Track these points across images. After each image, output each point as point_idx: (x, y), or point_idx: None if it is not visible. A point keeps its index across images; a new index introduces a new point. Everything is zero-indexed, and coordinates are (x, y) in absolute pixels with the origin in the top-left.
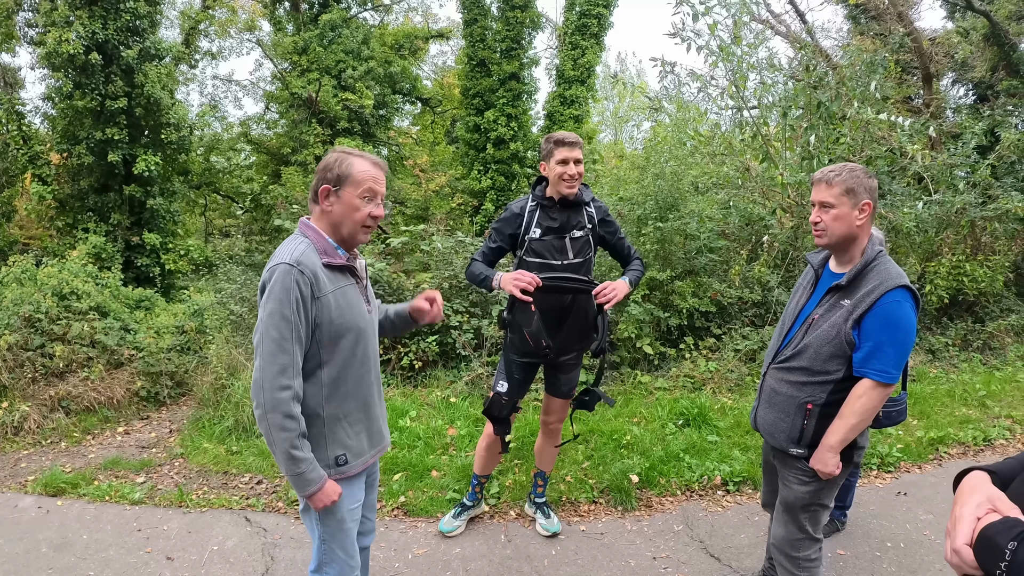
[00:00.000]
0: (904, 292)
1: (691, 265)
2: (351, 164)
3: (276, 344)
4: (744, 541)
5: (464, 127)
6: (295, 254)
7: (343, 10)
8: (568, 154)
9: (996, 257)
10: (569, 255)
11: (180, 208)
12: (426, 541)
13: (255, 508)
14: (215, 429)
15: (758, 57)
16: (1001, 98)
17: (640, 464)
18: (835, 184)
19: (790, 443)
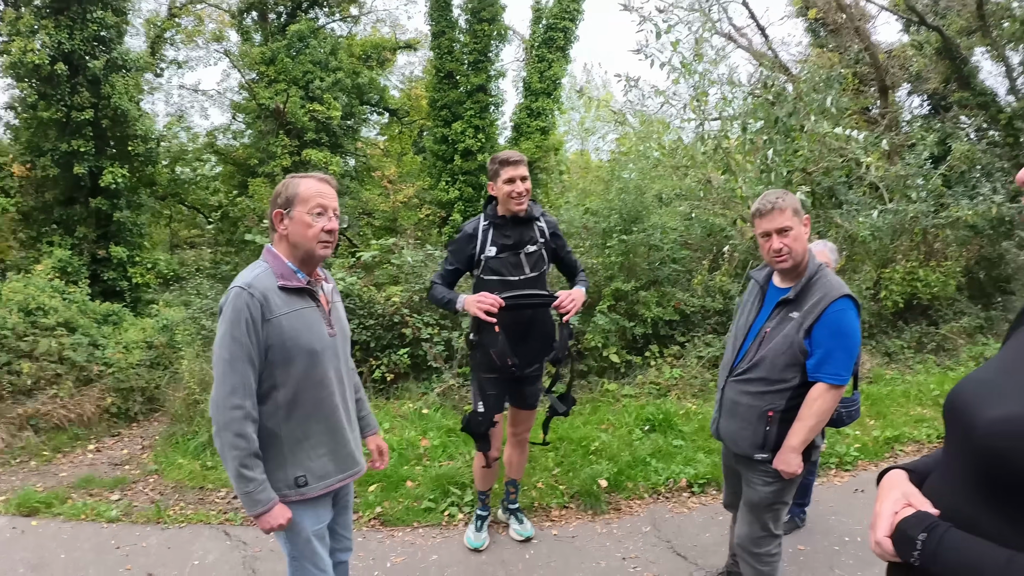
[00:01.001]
0: (847, 301)
1: (655, 275)
2: (297, 185)
3: (227, 364)
4: (709, 540)
5: (432, 138)
6: (248, 278)
7: (311, 20)
8: (514, 172)
9: (948, 263)
10: (525, 270)
11: (146, 221)
12: (403, 549)
13: (234, 522)
14: (189, 444)
15: (719, 72)
16: (954, 109)
17: (608, 469)
18: (786, 208)
19: (754, 449)
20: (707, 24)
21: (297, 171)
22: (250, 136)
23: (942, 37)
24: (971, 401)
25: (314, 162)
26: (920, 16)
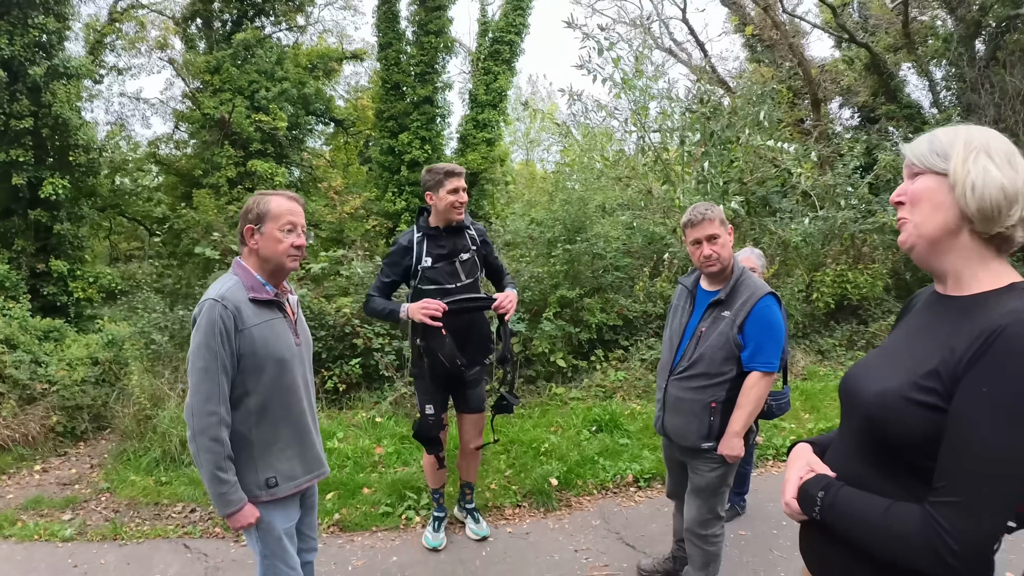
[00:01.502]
0: (771, 298)
1: (599, 283)
2: (268, 202)
3: (203, 373)
4: (656, 530)
5: (378, 149)
6: (221, 290)
7: (257, 29)
8: (458, 183)
9: (875, 265)
10: (461, 277)
11: (87, 233)
12: (363, 553)
13: (193, 535)
14: (141, 461)
15: (659, 87)
16: (882, 121)
17: (559, 468)
18: (714, 218)
19: (701, 440)
20: (647, 41)
21: (242, 182)
22: (194, 146)
23: (871, 53)
24: (857, 381)
25: (259, 173)
26: (850, 34)
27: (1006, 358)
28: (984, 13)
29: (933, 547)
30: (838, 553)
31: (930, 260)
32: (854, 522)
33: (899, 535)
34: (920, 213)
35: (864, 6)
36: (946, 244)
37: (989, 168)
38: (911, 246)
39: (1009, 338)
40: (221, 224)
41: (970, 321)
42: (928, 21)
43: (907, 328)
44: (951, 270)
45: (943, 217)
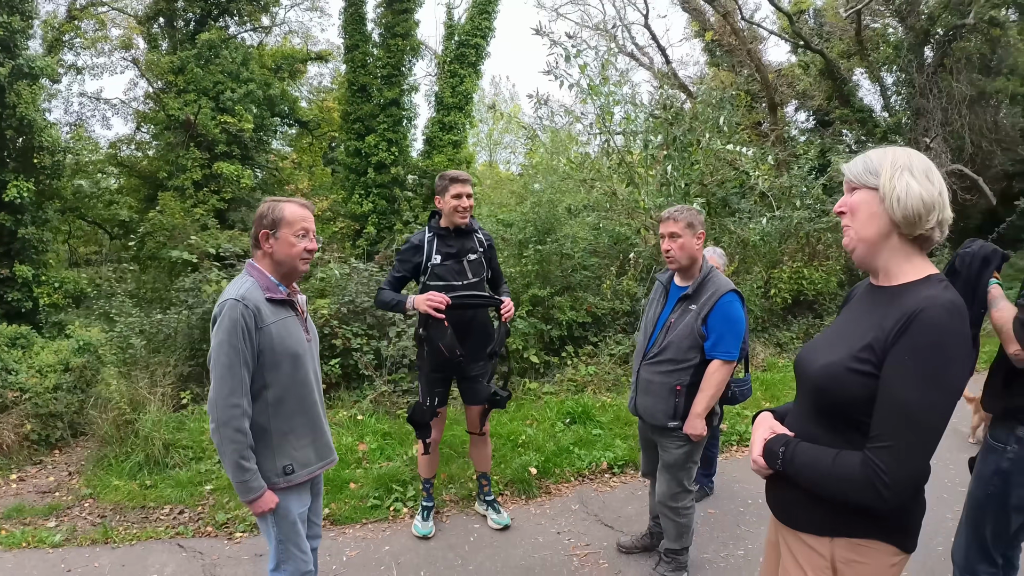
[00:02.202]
0: (733, 294)
1: (568, 282)
2: (282, 209)
3: (226, 368)
4: (631, 511)
5: (345, 151)
6: (241, 291)
7: (221, 29)
8: (461, 189)
9: (829, 262)
10: (468, 276)
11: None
12: (356, 544)
13: (185, 535)
14: (124, 466)
15: (623, 92)
16: (835, 124)
17: (536, 459)
18: (680, 220)
19: (667, 419)
20: (612, 47)
21: (208, 184)
22: (157, 148)
23: (825, 59)
24: (807, 357)
25: (226, 175)
26: (805, 40)
27: (920, 334)
28: (932, 22)
29: (871, 483)
30: (797, 498)
31: (867, 259)
32: (809, 469)
33: (845, 476)
34: (859, 221)
35: (819, 14)
36: (880, 245)
37: (911, 183)
38: (853, 248)
39: (923, 319)
40: (189, 227)
41: (896, 306)
42: (880, 29)
43: (848, 314)
44: (883, 266)
45: (877, 224)
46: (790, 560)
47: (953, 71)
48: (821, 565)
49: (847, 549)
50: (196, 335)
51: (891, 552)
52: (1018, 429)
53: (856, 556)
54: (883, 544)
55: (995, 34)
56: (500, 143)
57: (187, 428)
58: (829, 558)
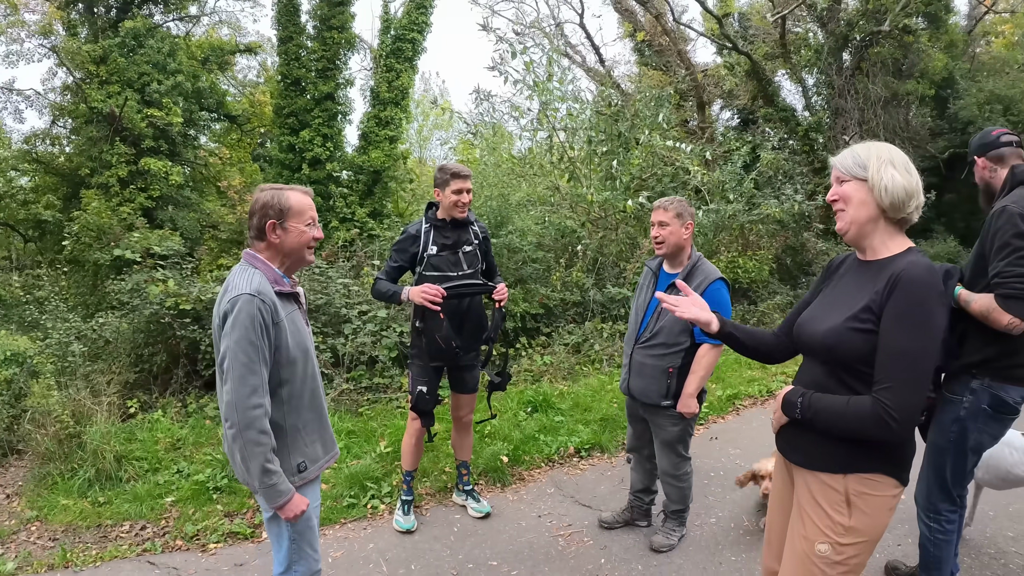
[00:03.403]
0: (721, 282)
1: (520, 274)
2: (288, 198)
3: (246, 367)
4: (604, 491)
5: (278, 147)
6: (254, 284)
7: (146, 18)
8: (462, 185)
9: (762, 252)
10: (463, 267)
11: None
12: (339, 544)
13: (154, 551)
14: (72, 483)
15: (565, 89)
16: (760, 123)
17: (506, 447)
18: (669, 210)
19: (661, 398)
20: (556, 45)
21: (134, 181)
22: (77, 143)
23: (750, 61)
24: (809, 325)
25: (153, 171)
26: (732, 42)
27: (906, 291)
28: (851, 28)
29: (882, 418)
30: (813, 442)
31: (858, 239)
32: (826, 413)
33: (859, 415)
34: (852, 208)
35: (745, 17)
36: (869, 228)
37: (895, 175)
38: (847, 231)
39: (906, 278)
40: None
41: (885, 273)
42: (802, 33)
43: (838, 286)
44: (871, 245)
45: (867, 210)
46: (807, 499)
47: (869, 74)
48: (837, 499)
49: (858, 483)
50: (141, 340)
51: (893, 484)
52: (972, 382)
53: (866, 489)
54: (887, 478)
55: (907, 40)
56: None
57: (139, 439)
58: (844, 492)
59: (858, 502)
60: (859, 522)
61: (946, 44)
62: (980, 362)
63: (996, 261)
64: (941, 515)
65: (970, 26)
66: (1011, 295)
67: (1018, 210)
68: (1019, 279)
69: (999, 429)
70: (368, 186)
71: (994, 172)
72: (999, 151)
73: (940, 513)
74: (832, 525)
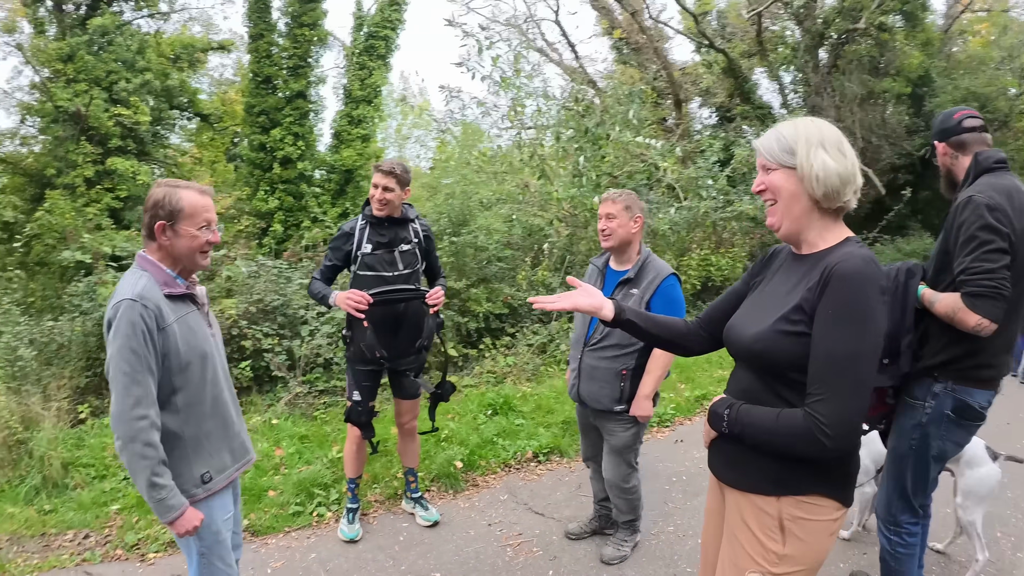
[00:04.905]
0: (674, 278)
1: (483, 273)
2: (180, 199)
3: (128, 377)
4: (560, 497)
5: (249, 146)
6: (137, 288)
7: (115, 15)
8: (378, 180)
9: (735, 249)
10: (399, 266)
11: None
12: (280, 555)
13: (93, 561)
14: (18, 491)
15: (535, 86)
16: (736, 120)
17: (461, 452)
18: (618, 202)
19: (614, 403)
20: (524, 41)
21: (101, 181)
22: (44, 143)
23: (727, 59)
24: (738, 328)
25: (120, 172)
26: (709, 40)
27: (838, 285)
28: (827, 26)
29: (813, 435)
30: (744, 461)
31: (793, 234)
32: (754, 428)
33: (789, 431)
34: (783, 202)
35: (722, 15)
36: (804, 221)
37: (827, 160)
38: (779, 227)
39: (838, 272)
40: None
41: (818, 268)
42: (778, 31)
43: (771, 284)
44: (807, 239)
45: (800, 203)
46: (737, 522)
47: (845, 72)
48: (770, 524)
49: (793, 506)
50: (92, 343)
51: (833, 507)
52: (934, 386)
53: (802, 512)
54: (826, 499)
55: (883, 38)
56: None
57: (87, 444)
58: (777, 516)
59: (793, 527)
60: (794, 549)
61: (923, 42)
62: (942, 364)
63: (962, 256)
64: (902, 527)
65: (947, 24)
66: (978, 293)
67: (984, 200)
68: (987, 275)
69: (963, 436)
70: (340, 185)
71: (955, 159)
72: (960, 138)
73: (900, 525)
74: (764, 553)
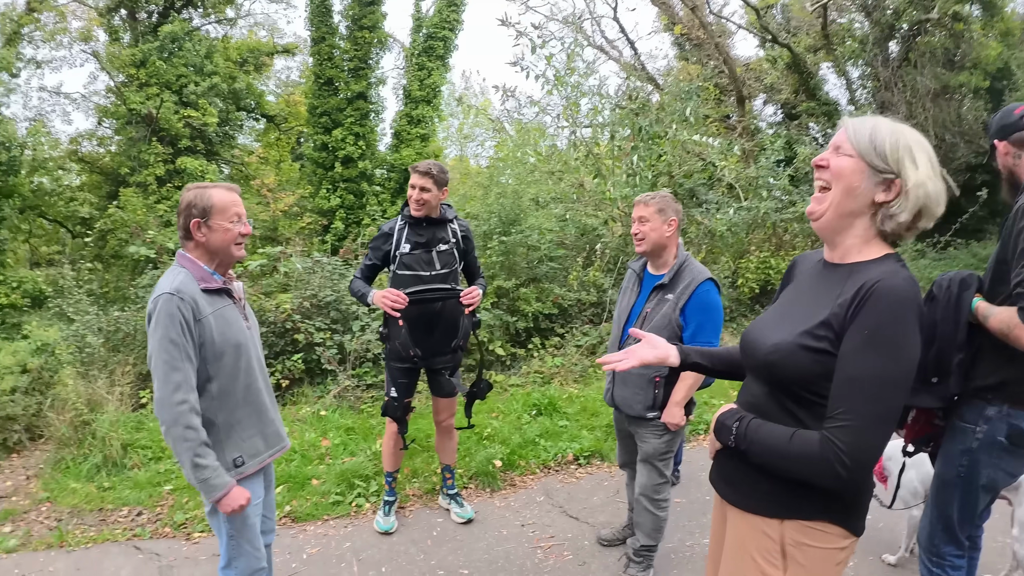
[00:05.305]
0: (710, 283)
1: (534, 273)
2: (211, 196)
3: (168, 365)
4: (597, 502)
5: (311, 145)
6: (175, 283)
7: (184, 21)
8: (415, 181)
9: (796, 252)
10: (436, 266)
11: (8, 236)
12: (317, 541)
13: (142, 537)
14: (81, 468)
15: (590, 84)
16: (802, 117)
17: (502, 451)
18: (651, 205)
19: (646, 410)
20: (578, 39)
21: (171, 180)
22: (119, 143)
23: (792, 53)
24: (756, 336)
25: (189, 171)
26: (773, 34)
27: (877, 304)
28: (897, 17)
29: (830, 462)
30: (747, 478)
31: (831, 232)
32: (763, 445)
33: (802, 455)
34: (838, 191)
35: (786, 8)
36: (850, 222)
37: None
38: (819, 216)
39: (879, 290)
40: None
41: (854, 281)
42: (846, 24)
43: (796, 290)
44: (843, 243)
45: (856, 202)
46: (736, 544)
47: (917, 65)
48: (770, 548)
49: (797, 531)
50: None
51: (841, 535)
52: (987, 409)
53: (806, 539)
54: (834, 526)
55: (958, 28)
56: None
57: (146, 428)
58: (779, 541)
59: (795, 554)
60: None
61: (1002, 32)
62: (997, 385)
63: (1018, 267)
64: (944, 559)
65: None
66: None
67: None
68: None
69: (1018, 465)
70: (400, 184)
71: (1018, 158)
72: (1022, 134)
73: (944, 557)
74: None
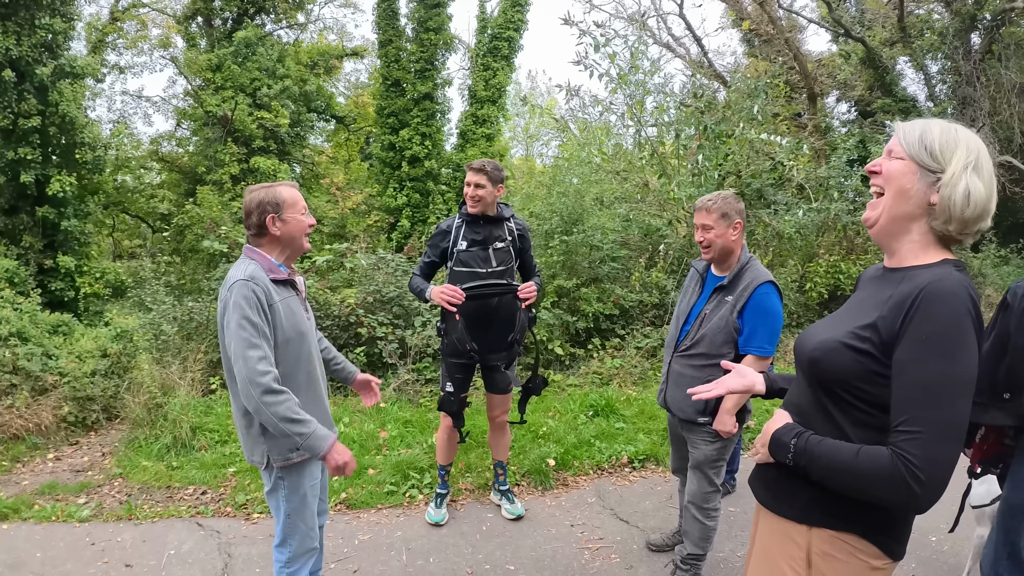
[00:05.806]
0: (770, 286)
1: (595, 273)
2: (280, 192)
3: (247, 343)
4: (649, 507)
5: (379, 145)
6: (248, 271)
7: (257, 27)
8: (470, 178)
9: (867, 256)
10: (493, 264)
11: (92, 230)
12: (369, 528)
13: (205, 515)
14: (152, 447)
15: (655, 82)
16: (877, 115)
17: (556, 450)
18: (712, 211)
19: (697, 415)
20: (642, 37)
21: (246, 179)
22: (196, 144)
23: (866, 48)
24: (806, 336)
25: (262, 170)
26: (846, 28)
27: (931, 308)
28: (979, 6)
29: (902, 478)
30: (781, 481)
31: (886, 236)
32: (827, 460)
33: (870, 472)
34: (891, 195)
35: (860, 1)
36: (905, 226)
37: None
38: (874, 223)
39: (931, 292)
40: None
41: (906, 286)
42: (923, 15)
43: (856, 297)
44: (899, 248)
45: (909, 205)
46: (762, 548)
47: (1002, 58)
48: (796, 555)
49: (825, 542)
50: None
51: (873, 554)
52: None
53: (834, 551)
54: (865, 543)
55: None
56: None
57: (215, 412)
58: (806, 548)
59: (821, 564)
60: None
61: None
62: None
63: None
64: None
65: None
66: None
67: None
68: None
69: None
70: None
71: None
72: None
73: None
74: None
